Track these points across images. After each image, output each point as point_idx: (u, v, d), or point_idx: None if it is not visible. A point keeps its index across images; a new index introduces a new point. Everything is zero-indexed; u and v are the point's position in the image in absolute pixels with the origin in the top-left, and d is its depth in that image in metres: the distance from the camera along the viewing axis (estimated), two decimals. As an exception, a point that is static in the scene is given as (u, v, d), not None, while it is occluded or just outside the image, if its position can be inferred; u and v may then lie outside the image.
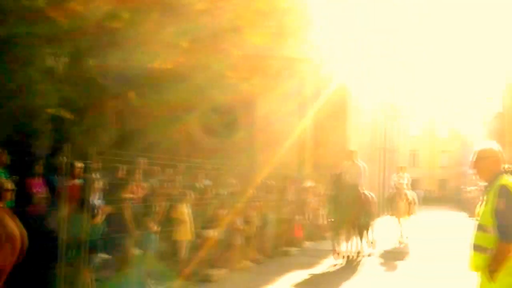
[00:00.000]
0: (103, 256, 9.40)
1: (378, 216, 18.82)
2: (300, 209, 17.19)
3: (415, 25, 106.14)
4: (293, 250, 15.16)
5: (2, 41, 10.50)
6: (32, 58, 11.21)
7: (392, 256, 14.97)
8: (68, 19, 11.67)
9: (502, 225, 4.46)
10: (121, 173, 10.26)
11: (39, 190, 9.31)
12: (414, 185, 61.82)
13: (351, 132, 22.73)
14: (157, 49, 11.38)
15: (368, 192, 15.00)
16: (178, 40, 11.36)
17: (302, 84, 20.12)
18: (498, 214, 4.49)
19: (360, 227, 14.61)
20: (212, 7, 11.81)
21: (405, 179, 18.36)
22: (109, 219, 9.46)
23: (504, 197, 4.50)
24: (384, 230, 17.60)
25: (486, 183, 4.81)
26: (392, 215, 18.69)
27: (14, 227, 6.40)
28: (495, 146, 4.86)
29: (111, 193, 9.67)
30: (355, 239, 14.68)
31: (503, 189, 4.55)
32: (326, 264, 13.29)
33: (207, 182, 13.14)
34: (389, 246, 16.76)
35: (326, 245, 16.44)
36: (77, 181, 9.29)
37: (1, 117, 10.54)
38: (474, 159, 4.82)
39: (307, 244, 16.87)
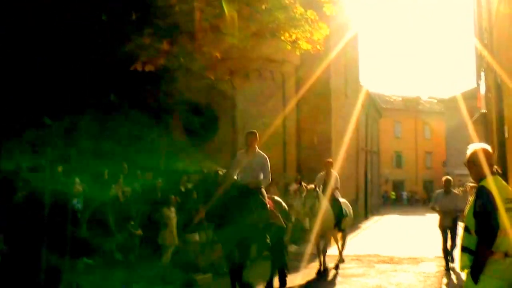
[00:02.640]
0: (86, 260, 9.30)
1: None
2: (284, 212, 17.10)
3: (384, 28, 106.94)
4: (292, 247, 15.12)
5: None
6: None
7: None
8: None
9: (479, 227, 4.43)
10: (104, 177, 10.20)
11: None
12: (398, 186, 61.70)
13: (334, 133, 22.65)
14: (136, 51, 11.27)
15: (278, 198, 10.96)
16: (158, 42, 11.28)
17: (283, 85, 20.08)
18: (476, 216, 4.46)
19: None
20: (191, 8, 11.76)
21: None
22: (91, 223, 9.38)
23: (481, 199, 4.47)
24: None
25: (475, 185, 4.79)
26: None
27: None
28: (485, 148, 4.84)
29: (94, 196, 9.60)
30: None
31: (482, 190, 4.53)
32: (311, 268, 13.21)
33: (190, 186, 13.04)
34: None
35: (311, 248, 16.40)
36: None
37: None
38: (466, 161, 4.82)
39: (292, 247, 16.77)
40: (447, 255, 12.80)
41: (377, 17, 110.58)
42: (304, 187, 12.39)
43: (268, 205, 9.52)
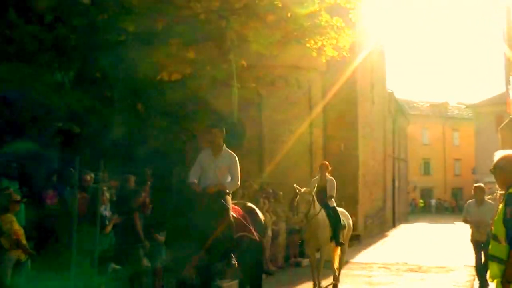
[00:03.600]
0: (114, 266, 9.41)
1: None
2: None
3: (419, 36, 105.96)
4: (305, 261, 14.98)
5: (13, 57, 10.62)
6: (41, 72, 11.33)
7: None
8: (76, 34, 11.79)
9: (510, 235, 4.29)
10: (131, 184, 10.30)
11: (51, 201, 9.44)
12: (426, 194, 60.77)
13: (361, 140, 22.51)
14: (163, 60, 11.41)
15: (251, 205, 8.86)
16: (184, 51, 11.40)
17: (309, 91, 20.05)
18: (506, 223, 4.33)
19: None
20: (217, 17, 11.86)
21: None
22: (118, 229, 9.49)
23: (511, 205, 4.34)
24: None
25: (503, 192, 4.68)
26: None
27: None
28: None
29: (121, 203, 9.71)
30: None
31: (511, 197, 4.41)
32: (340, 276, 13.12)
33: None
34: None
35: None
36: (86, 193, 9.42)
37: (12, 130, 10.65)
38: (492, 168, 4.70)
39: (319, 255, 16.71)
40: (481, 272, 10.66)
41: (404, 22, 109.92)
42: (297, 190, 10.72)
43: (235, 214, 7.77)
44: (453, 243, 20.62)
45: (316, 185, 11.13)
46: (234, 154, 7.90)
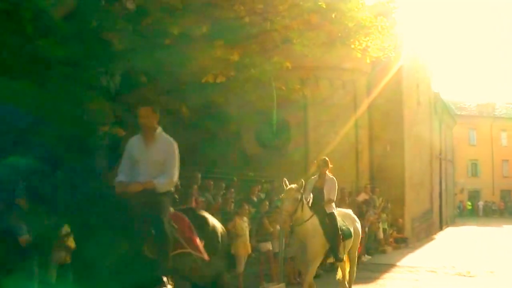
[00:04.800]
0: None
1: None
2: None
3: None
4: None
5: (60, 62, 10.79)
6: (88, 77, 11.51)
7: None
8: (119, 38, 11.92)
9: None
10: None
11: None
12: (474, 196, 59.69)
13: (407, 141, 22.18)
14: (207, 63, 11.45)
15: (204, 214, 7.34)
16: (228, 54, 11.41)
17: (354, 92, 19.90)
18: None
19: None
20: (261, 19, 11.83)
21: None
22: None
23: None
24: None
25: None
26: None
27: None
28: None
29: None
30: None
31: None
32: (386, 279, 12.93)
33: (262, 196, 13.10)
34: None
35: (386, 259, 16.08)
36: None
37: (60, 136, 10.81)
38: None
39: (366, 258, 16.53)
40: None
41: (450, 21, 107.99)
42: (285, 184, 8.81)
43: (176, 225, 6.11)
44: (502, 247, 20.11)
45: (313, 186, 9.36)
46: (172, 140, 6.15)
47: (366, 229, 17.44)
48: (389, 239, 20.02)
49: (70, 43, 10.78)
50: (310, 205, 9.05)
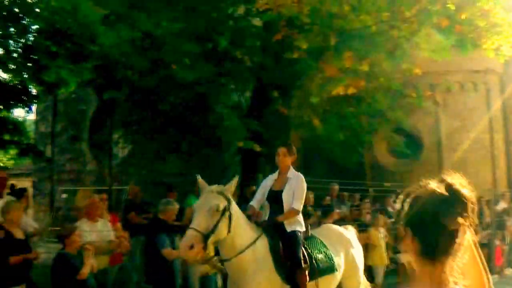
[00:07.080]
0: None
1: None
2: (499, 233, 16.01)
3: None
4: (494, 278, 14.12)
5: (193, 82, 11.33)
6: (220, 95, 11.97)
7: None
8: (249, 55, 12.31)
9: None
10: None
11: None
12: None
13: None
14: (337, 74, 11.51)
15: None
16: (358, 64, 11.40)
17: (487, 95, 19.06)
18: None
19: None
20: (388, 27, 11.69)
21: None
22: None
23: None
24: None
25: None
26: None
27: None
28: None
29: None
30: None
31: None
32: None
33: (398, 206, 12.84)
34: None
35: None
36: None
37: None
38: None
39: (509, 271, 15.68)
40: None
41: None
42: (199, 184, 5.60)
43: None
44: None
45: (268, 187, 6.20)
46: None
47: (508, 240, 16.55)
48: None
49: (199, 64, 11.25)
50: (259, 219, 6.01)
